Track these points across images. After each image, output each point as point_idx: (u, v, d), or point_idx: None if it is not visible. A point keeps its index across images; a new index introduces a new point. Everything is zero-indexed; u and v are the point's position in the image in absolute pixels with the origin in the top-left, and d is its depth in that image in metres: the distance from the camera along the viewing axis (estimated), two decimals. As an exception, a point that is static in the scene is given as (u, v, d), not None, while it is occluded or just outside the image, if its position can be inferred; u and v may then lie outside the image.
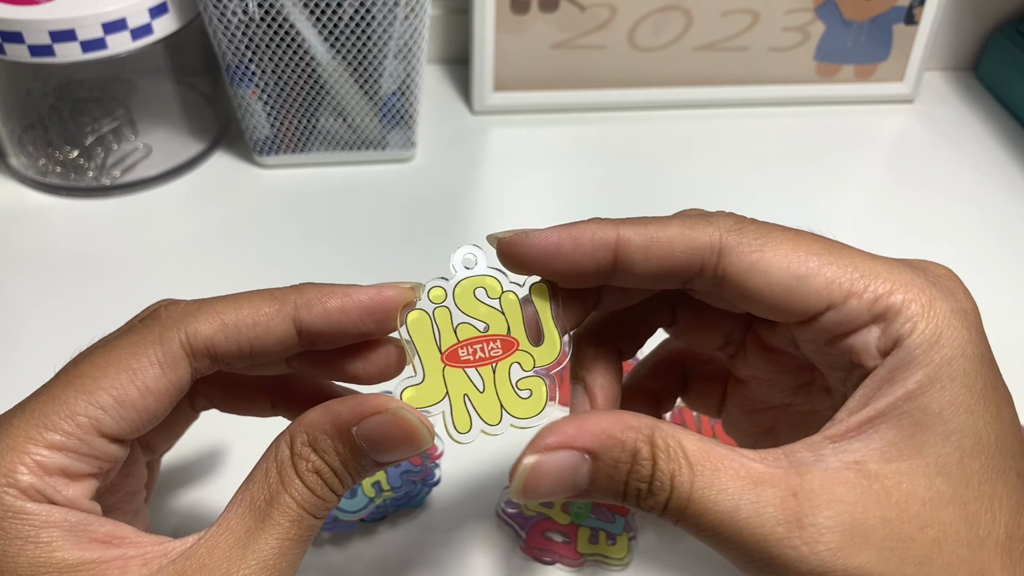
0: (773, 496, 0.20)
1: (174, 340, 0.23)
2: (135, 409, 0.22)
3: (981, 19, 0.61)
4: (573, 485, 0.21)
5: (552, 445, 0.21)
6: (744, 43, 0.56)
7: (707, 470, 0.21)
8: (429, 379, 0.24)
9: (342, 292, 0.24)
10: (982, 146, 0.56)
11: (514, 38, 0.54)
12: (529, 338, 0.24)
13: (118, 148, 0.50)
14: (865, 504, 0.20)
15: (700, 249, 0.23)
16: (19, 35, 0.42)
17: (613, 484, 0.21)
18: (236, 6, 0.43)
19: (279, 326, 0.23)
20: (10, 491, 0.21)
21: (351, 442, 0.22)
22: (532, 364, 0.24)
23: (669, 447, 0.21)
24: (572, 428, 0.21)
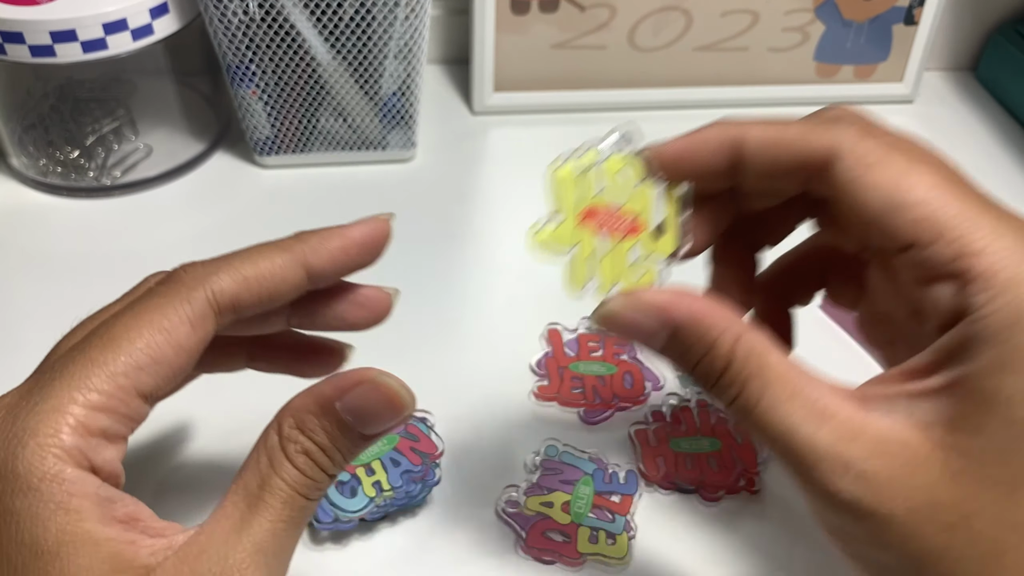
0: (830, 433, 0.22)
1: (201, 298, 0.24)
2: (171, 367, 0.23)
3: (980, 19, 0.61)
4: (647, 340, 0.24)
5: (643, 301, 0.23)
6: (744, 43, 0.56)
7: (781, 390, 0.22)
8: (564, 227, 0.26)
9: (339, 233, 0.26)
10: (981, 146, 0.57)
11: (514, 38, 0.54)
12: (655, 228, 0.26)
13: (119, 148, 0.50)
14: (914, 466, 0.21)
15: (816, 152, 0.23)
16: (20, 35, 0.42)
17: (682, 361, 0.23)
18: (237, 6, 0.43)
19: (293, 273, 0.25)
20: (54, 450, 0.21)
21: (337, 418, 0.23)
22: (650, 251, 0.26)
23: (750, 355, 0.22)
24: (668, 296, 0.23)
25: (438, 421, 0.36)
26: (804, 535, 0.34)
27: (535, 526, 0.33)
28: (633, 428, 0.37)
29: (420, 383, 0.39)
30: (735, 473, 0.35)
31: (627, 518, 0.34)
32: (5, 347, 0.40)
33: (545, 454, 0.36)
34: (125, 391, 0.22)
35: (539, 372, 0.40)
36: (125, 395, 0.22)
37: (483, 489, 0.35)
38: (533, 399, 0.39)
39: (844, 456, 0.22)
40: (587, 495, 0.34)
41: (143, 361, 0.22)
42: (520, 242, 0.48)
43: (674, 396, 0.38)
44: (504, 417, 0.38)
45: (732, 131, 0.25)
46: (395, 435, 0.34)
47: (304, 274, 0.25)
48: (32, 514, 0.21)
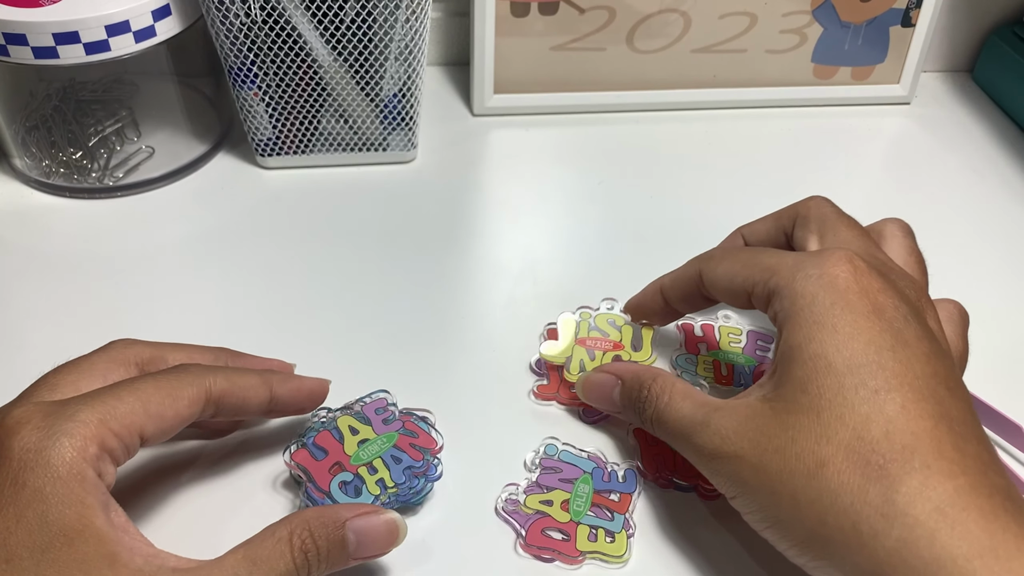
0: (702, 412, 0.31)
1: (203, 385, 0.30)
2: (167, 424, 0.29)
3: (977, 21, 0.61)
4: (610, 399, 0.35)
5: (602, 369, 0.37)
6: (742, 45, 0.56)
7: (679, 396, 0.32)
8: (564, 347, 0.39)
9: (298, 379, 0.34)
10: (978, 147, 0.57)
11: (514, 41, 0.55)
12: (632, 348, 0.40)
13: (121, 149, 0.50)
14: (752, 415, 0.29)
15: (692, 277, 0.36)
16: (23, 37, 0.42)
17: (629, 401, 0.34)
18: (239, 8, 0.44)
19: (263, 393, 0.32)
20: (81, 453, 0.26)
21: (342, 534, 0.29)
22: (629, 359, 0.39)
23: (664, 384, 0.33)
24: (616, 366, 0.36)
25: (438, 420, 0.36)
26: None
27: (534, 524, 0.33)
28: (633, 427, 0.37)
29: (420, 382, 0.39)
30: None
31: (626, 516, 0.34)
32: (8, 347, 0.40)
33: (544, 453, 0.36)
34: (133, 427, 0.28)
35: (539, 372, 0.40)
36: (133, 430, 0.28)
37: (482, 488, 0.35)
38: (533, 398, 0.39)
39: (708, 421, 0.30)
40: (586, 493, 0.34)
41: (152, 411, 0.28)
42: (520, 242, 0.49)
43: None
44: (503, 416, 0.38)
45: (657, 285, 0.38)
46: (394, 433, 0.35)
47: (268, 396, 0.33)
48: (59, 500, 0.25)
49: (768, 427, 0.29)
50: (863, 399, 0.27)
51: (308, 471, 0.33)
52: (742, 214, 0.38)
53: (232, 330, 0.41)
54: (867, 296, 0.29)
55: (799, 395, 0.28)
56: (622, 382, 0.35)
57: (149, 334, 0.40)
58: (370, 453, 0.34)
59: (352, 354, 0.40)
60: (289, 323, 0.42)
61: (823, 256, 0.31)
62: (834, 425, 0.27)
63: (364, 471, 0.33)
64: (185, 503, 0.34)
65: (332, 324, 0.42)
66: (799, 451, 0.28)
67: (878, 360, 0.28)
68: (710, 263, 0.35)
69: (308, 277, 0.45)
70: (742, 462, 0.29)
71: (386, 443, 0.34)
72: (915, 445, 0.26)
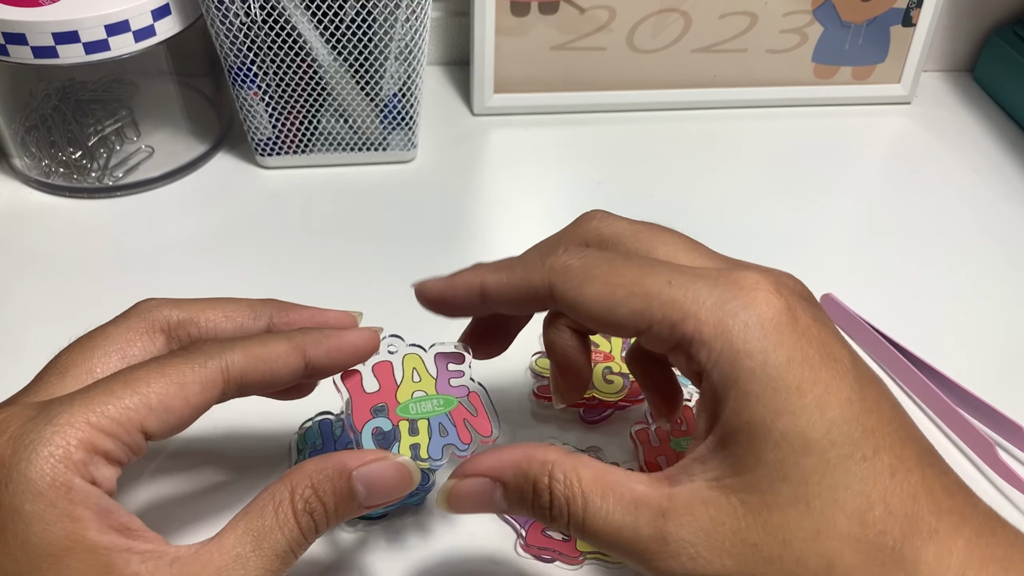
0: (646, 517, 0.24)
1: (216, 366, 0.26)
2: (176, 415, 0.25)
3: (978, 21, 0.61)
4: (492, 504, 0.26)
5: (469, 472, 0.26)
6: (742, 45, 0.56)
7: (596, 497, 0.24)
8: None
9: (336, 335, 0.29)
10: (979, 147, 0.57)
11: (514, 40, 0.54)
12: (622, 359, 0.36)
13: (121, 149, 0.50)
14: (720, 518, 0.23)
15: (537, 289, 0.27)
16: (22, 36, 0.42)
17: (522, 507, 0.26)
18: (238, 8, 0.44)
19: (295, 360, 0.28)
20: (64, 461, 0.23)
21: (349, 485, 0.25)
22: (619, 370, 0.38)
23: (566, 478, 0.25)
24: (489, 460, 0.26)
25: (439, 420, 0.36)
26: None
27: (535, 524, 0.33)
28: (635, 428, 0.37)
29: (421, 382, 0.39)
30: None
31: (626, 516, 0.34)
32: (8, 347, 0.40)
33: (545, 453, 0.36)
34: (132, 424, 0.24)
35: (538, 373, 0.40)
36: (131, 427, 0.24)
37: (483, 488, 0.35)
38: (533, 399, 0.39)
39: (664, 536, 0.24)
40: (587, 494, 0.34)
41: (154, 403, 0.25)
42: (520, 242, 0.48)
43: (673, 395, 0.38)
44: (504, 416, 0.38)
45: (475, 278, 0.30)
46: (454, 399, 0.30)
47: (303, 363, 0.28)
48: (40, 517, 0.22)
49: (749, 533, 0.23)
50: (854, 475, 0.23)
51: (351, 400, 0.29)
52: (742, 214, 0.38)
53: (232, 330, 0.41)
54: (809, 336, 0.24)
55: (778, 484, 0.23)
56: (502, 485, 0.26)
57: (149, 334, 0.41)
58: (420, 410, 0.30)
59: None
60: (289, 323, 0.42)
61: (738, 285, 0.25)
62: (830, 514, 0.23)
63: (404, 427, 0.29)
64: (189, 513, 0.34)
65: (332, 324, 0.42)
66: (799, 556, 0.23)
67: (855, 420, 0.23)
68: (567, 279, 0.27)
69: (308, 277, 0.45)
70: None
71: (441, 407, 0.30)
72: (916, 511, 0.23)
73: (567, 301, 0.27)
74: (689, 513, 0.24)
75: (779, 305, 0.24)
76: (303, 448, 0.35)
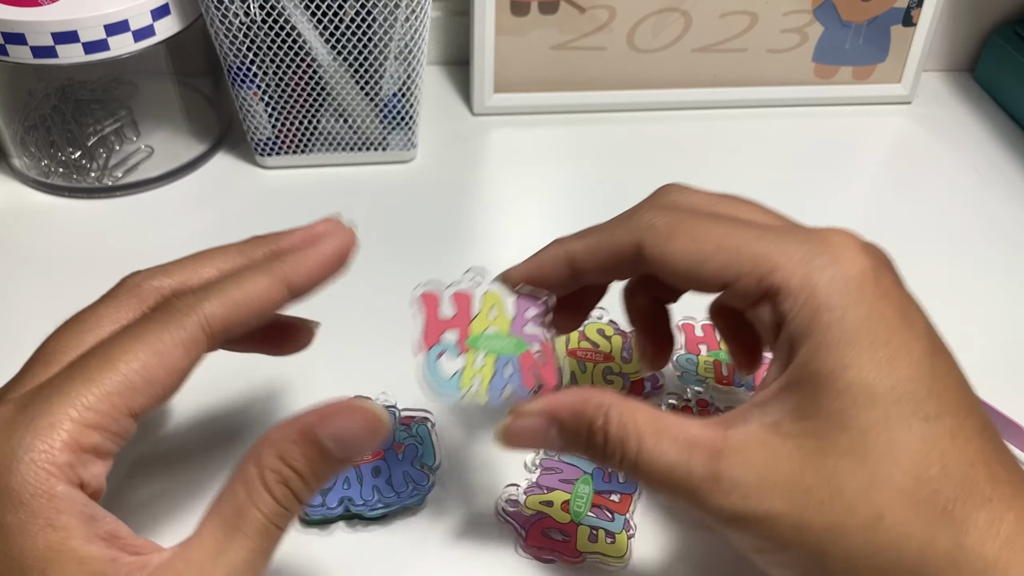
0: (700, 457, 0.25)
1: (195, 323, 0.25)
2: (163, 386, 0.24)
3: (979, 21, 0.61)
4: (547, 441, 0.27)
5: (527, 411, 0.27)
6: (743, 45, 0.56)
7: (650, 437, 0.25)
8: None
9: (313, 251, 0.28)
10: (979, 147, 0.57)
11: (514, 40, 0.54)
12: (622, 359, 0.39)
13: (120, 149, 0.50)
14: (775, 460, 0.24)
15: (624, 249, 0.28)
16: (22, 36, 0.42)
17: (577, 446, 0.27)
18: (238, 8, 0.44)
19: (278, 292, 0.27)
20: (47, 467, 0.22)
21: (319, 446, 0.24)
22: (619, 370, 0.39)
23: (620, 419, 0.26)
24: (546, 401, 0.27)
25: (438, 421, 0.36)
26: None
27: (535, 525, 0.33)
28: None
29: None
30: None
31: (626, 517, 0.34)
32: (6, 347, 0.40)
33: (544, 453, 0.36)
34: (118, 410, 0.23)
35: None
36: (118, 414, 0.23)
37: (483, 488, 0.35)
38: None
39: (716, 474, 0.24)
40: (587, 494, 0.34)
41: (137, 382, 0.23)
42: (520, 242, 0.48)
43: (673, 396, 0.38)
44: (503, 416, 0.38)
45: (560, 249, 0.30)
46: (524, 344, 0.30)
47: (287, 292, 0.27)
48: (22, 529, 0.21)
49: (803, 476, 0.24)
50: (915, 433, 0.23)
51: (425, 318, 0.29)
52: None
53: (231, 330, 0.41)
54: (890, 298, 0.25)
55: (836, 433, 0.24)
56: (559, 424, 0.27)
57: (148, 334, 0.40)
58: (490, 346, 0.29)
59: (351, 354, 0.40)
60: (288, 323, 0.42)
61: (827, 242, 0.26)
62: (885, 467, 0.23)
63: (471, 358, 0.29)
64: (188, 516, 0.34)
65: (331, 324, 0.42)
66: (849, 503, 0.23)
67: (922, 381, 0.24)
68: (654, 236, 0.27)
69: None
70: (778, 522, 0.24)
71: (512, 348, 0.29)
72: (973, 476, 0.23)
73: (655, 257, 0.27)
74: (743, 454, 0.24)
75: (864, 264, 0.25)
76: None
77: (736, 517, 0.24)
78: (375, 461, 0.34)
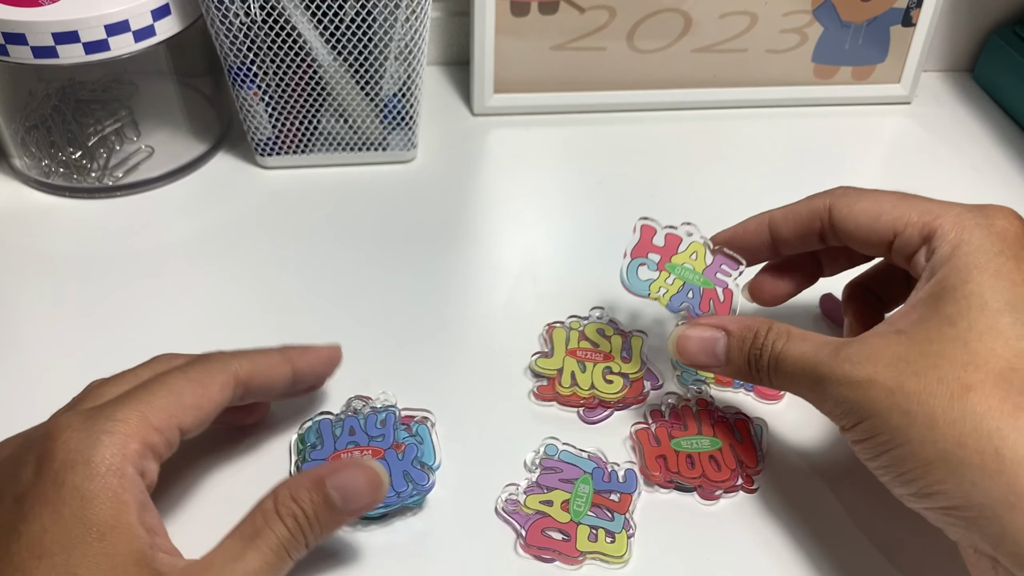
0: (828, 348, 0.30)
1: (230, 371, 0.31)
2: (203, 413, 0.30)
3: (978, 21, 0.61)
4: (714, 354, 0.34)
5: (700, 322, 0.34)
6: (742, 45, 0.56)
7: (797, 339, 0.32)
8: (555, 358, 0.39)
9: (313, 350, 0.35)
10: (979, 147, 0.57)
11: (514, 40, 0.54)
12: (622, 359, 0.40)
13: (121, 149, 0.50)
14: (887, 344, 0.29)
15: (818, 209, 0.35)
16: (22, 36, 0.42)
17: (741, 354, 0.33)
18: (238, 8, 0.44)
19: (286, 369, 0.33)
20: (123, 450, 0.27)
21: (325, 493, 0.29)
22: (619, 370, 0.39)
23: (779, 330, 0.32)
24: (719, 317, 0.35)
25: (438, 421, 0.36)
26: (802, 533, 0.34)
27: (534, 524, 0.33)
28: (635, 428, 0.37)
29: (420, 383, 0.39)
30: (734, 472, 0.35)
31: (626, 516, 0.34)
32: (8, 347, 0.40)
33: (544, 453, 0.36)
34: (173, 421, 0.29)
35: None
36: (172, 424, 0.29)
37: (483, 488, 0.35)
38: (533, 399, 0.39)
39: (836, 352, 0.30)
40: (586, 494, 0.34)
41: (188, 404, 0.29)
42: (520, 242, 0.48)
43: (673, 395, 0.38)
44: (504, 416, 0.38)
45: (764, 217, 0.37)
46: (712, 283, 0.36)
47: (291, 372, 0.33)
48: (95, 496, 0.26)
49: (907, 354, 0.28)
50: (1018, 335, 0.27)
51: (640, 239, 0.36)
52: (742, 214, 0.38)
53: (231, 329, 0.41)
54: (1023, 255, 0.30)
55: (945, 327, 0.28)
56: (728, 334, 0.34)
57: (149, 333, 0.41)
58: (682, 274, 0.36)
59: (352, 354, 0.40)
60: (288, 323, 0.42)
61: (986, 209, 0.31)
62: (984, 355, 0.27)
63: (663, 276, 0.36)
64: (196, 514, 0.34)
65: (331, 324, 0.42)
66: (942, 375, 0.27)
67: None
68: (845, 198, 0.34)
69: (308, 277, 0.45)
70: (874, 385, 0.28)
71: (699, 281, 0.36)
72: None
73: (842, 216, 0.34)
74: (861, 342, 0.30)
75: (1009, 225, 0.30)
76: (303, 448, 0.35)
77: (840, 379, 0.29)
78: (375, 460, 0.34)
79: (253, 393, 0.32)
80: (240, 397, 0.32)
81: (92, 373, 0.32)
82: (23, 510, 0.26)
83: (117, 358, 0.33)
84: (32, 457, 0.27)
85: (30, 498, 0.26)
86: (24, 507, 0.26)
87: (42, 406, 0.31)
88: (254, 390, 0.32)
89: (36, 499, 0.26)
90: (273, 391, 0.33)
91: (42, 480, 0.26)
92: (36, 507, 0.26)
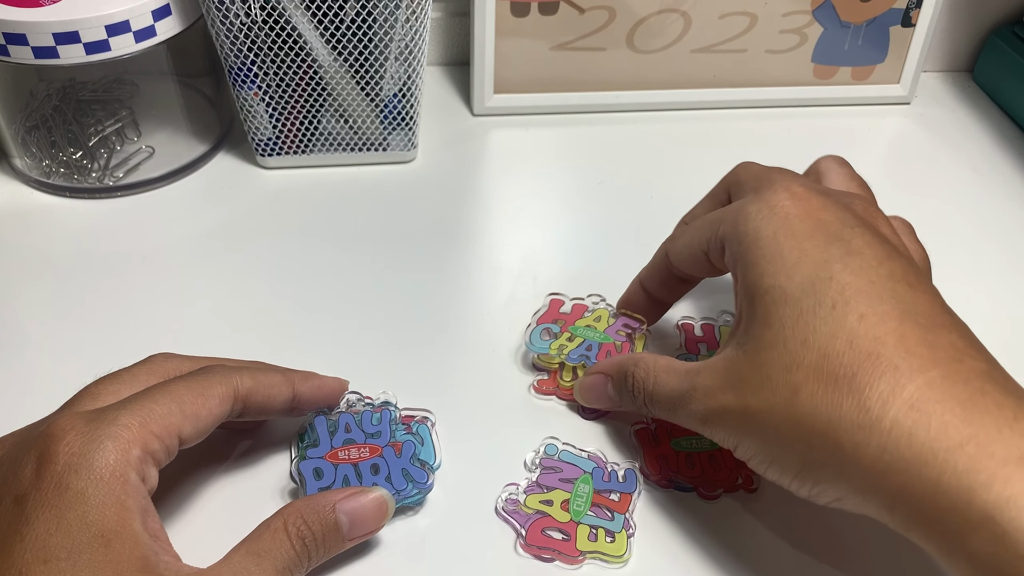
0: (688, 380, 0.31)
1: (231, 384, 0.31)
2: (203, 423, 0.30)
3: (977, 21, 0.61)
4: (608, 397, 0.36)
5: (592, 371, 0.37)
6: (742, 45, 0.56)
7: (662, 374, 0.33)
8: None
9: (318, 377, 0.35)
10: (978, 147, 0.57)
11: (514, 41, 0.55)
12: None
13: (121, 149, 0.50)
14: (729, 365, 0.30)
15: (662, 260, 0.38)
16: (23, 37, 0.42)
17: (623, 392, 0.35)
18: (239, 8, 0.44)
19: (287, 390, 0.33)
20: (125, 456, 0.27)
21: (334, 518, 0.30)
22: None
23: (647, 366, 0.34)
24: (603, 363, 0.37)
25: (438, 420, 0.36)
26: (802, 533, 0.34)
27: (534, 524, 0.33)
28: (635, 428, 0.37)
29: (420, 382, 0.39)
30: (734, 471, 0.36)
31: (626, 516, 0.34)
32: (9, 347, 0.40)
33: (544, 452, 0.36)
34: (173, 428, 0.28)
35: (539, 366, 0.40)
36: (172, 431, 0.28)
37: (483, 487, 0.35)
38: (533, 392, 0.39)
39: (693, 386, 0.31)
40: (586, 493, 0.34)
41: (188, 413, 0.29)
42: (520, 242, 0.48)
43: (673, 395, 0.38)
44: (503, 416, 0.38)
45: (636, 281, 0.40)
46: (611, 339, 0.38)
47: (292, 394, 0.33)
48: (99, 501, 0.26)
49: (745, 372, 0.29)
50: (822, 318, 0.28)
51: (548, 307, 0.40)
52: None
53: (231, 330, 0.41)
54: (809, 216, 0.30)
55: (764, 331, 0.29)
56: (610, 378, 0.35)
57: (149, 333, 0.41)
58: (583, 334, 0.39)
59: (352, 354, 0.40)
60: (288, 323, 0.42)
61: (761, 193, 0.31)
62: (799, 351, 0.28)
63: (565, 335, 0.39)
64: (195, 511, 0.34)
65: (332, 324, 0.42)
66: (774, 386, 0.28)
67: (829, 276, 0.28)
68: (672, 242, 0.36)
69: (308, 277, 0.45)
70: (730, 414, 0.29)
71: (598, 337, 0.39)
72: (879, 350, 0.26)
73: (674, 258, 0.36)
74: (712, 368, 0.30)
75: (783, 195, 0.30)
76: (302, 447, 0.35)
77: (703, 417, 0.30)
78: (374, 458, 0.34)
79: (250, 410, 0.32)
80: (238, 413, 0.31)
81: (92, 373, 0.32)
82: (25, 512, 0.26)
83: (117, 358, 0.33)
84: (32, 457, 0.27)
85: (32, 500, 0.26)
86: (26, 509, 0.26)
87: (42, 406, 0.31)
88: (252, 407, 0.32)
89: (38, 501, 0.26)
90: (270, 411, 0.33)
91: (43, 482, 0.26)
92: (38, 510, 0.25)
